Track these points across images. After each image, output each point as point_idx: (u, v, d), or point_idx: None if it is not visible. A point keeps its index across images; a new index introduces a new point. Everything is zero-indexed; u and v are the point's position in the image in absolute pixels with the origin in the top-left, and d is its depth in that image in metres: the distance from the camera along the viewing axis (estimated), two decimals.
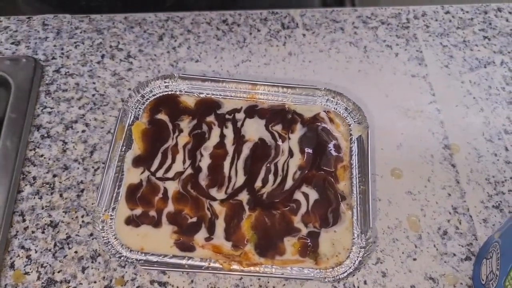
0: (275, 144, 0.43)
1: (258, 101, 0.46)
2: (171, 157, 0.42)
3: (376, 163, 0.45)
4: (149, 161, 0.42)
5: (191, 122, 0.44)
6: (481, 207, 0.43)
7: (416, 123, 0.48)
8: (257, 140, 0.43)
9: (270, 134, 0.43)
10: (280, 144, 0.43)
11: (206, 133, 0.43)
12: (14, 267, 0.39)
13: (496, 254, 0.35)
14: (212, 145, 0.43)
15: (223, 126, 0.44)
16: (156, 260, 0.37)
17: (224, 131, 0.44)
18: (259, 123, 0.44)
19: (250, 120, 0.44)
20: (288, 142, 0.43)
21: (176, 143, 0.43)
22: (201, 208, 0.40)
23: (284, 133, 0.44)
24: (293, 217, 0.40)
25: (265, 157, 0.42)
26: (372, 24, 0.55)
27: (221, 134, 0.44)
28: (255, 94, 0.46)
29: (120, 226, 0.39)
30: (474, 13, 0.57)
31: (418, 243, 0.41)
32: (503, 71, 0.52)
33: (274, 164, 0.42)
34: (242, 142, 0.43)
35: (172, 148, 0.43)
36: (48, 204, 0.42)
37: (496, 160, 0.46)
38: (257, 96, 0.46)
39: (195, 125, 0.44)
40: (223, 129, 0.44)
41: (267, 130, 0.44)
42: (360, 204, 0.40)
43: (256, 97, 0.46)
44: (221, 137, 0.43)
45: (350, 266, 0.37)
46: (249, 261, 0.37)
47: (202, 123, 0.44)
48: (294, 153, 0.43)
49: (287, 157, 0.42)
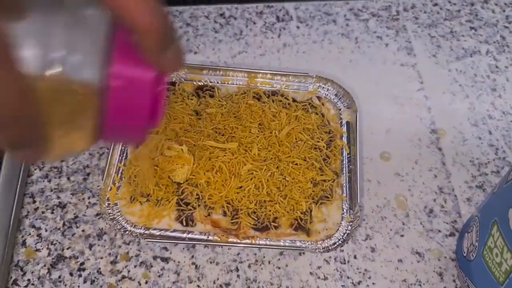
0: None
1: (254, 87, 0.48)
2: None
3: (366, 146, 0.48)
4: None
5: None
6: (465, 187, 0.46)
7: (405, 109, 0.51)
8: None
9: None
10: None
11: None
12: (26, 245, 0.41)
13: (475, 228, 0.38)
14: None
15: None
16: (159, 234, 0.40)
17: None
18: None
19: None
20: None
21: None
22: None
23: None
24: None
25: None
26: (363, 16, 0.58)
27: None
28: (251, 81, 0.48)
29: (125, 203, 0.41)
30: (461, 5, 0.60)
31: (405, 221, 0.44)
32: (488, 60, 0.55)
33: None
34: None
35: None
36: (57, 187, 0.44)
37: (480, 144, 0.49)
38: (252, 83, 0.48)
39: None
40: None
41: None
42: (348, 182, 0.43)
43: (252, 84, 0.48)
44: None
45: (339, 238, 0.40)
46: (245, 234, 0.40)
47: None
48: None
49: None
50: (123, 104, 0.21)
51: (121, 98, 0.21)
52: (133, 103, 0.21)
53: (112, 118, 0.21)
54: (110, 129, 0.22)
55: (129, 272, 0.40)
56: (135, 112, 0.22)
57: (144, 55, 0.20)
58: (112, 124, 0.22)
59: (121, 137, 0.25)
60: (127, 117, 0.22)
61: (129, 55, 0.20)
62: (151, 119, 0.22)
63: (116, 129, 0.22)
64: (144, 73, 0.21)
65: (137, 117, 0.22)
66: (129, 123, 0.22)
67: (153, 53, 0.20)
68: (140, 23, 0.19)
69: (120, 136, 0.24)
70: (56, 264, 0.40)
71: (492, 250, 0.34)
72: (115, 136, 0.25)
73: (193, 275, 0.40)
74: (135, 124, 0.22)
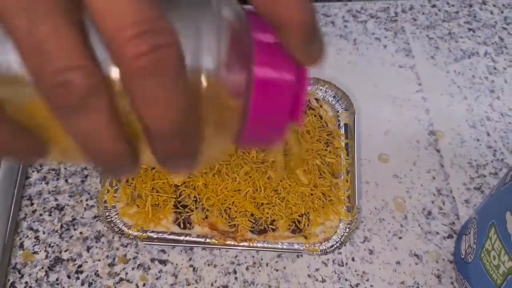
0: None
1: None
2: None
3: (364, 148, 0.48)
4: None
5: None
6: (463, 189, 0.46)
7: (403, 111, 0.51)
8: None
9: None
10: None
11: None
12: (23, 247, 0.41)
13: (473, 230, 0.38)
14: None
15: None
16: (157, 236, 0.40)
17: None
18: None
19: None
20: None
21: None
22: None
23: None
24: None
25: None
26: (362, 18, 0.58)
27: None
28: None
29: (122, 205, 0.41)
30: (460, 7, 0.60)
31: (403, 223, 0.44)
32: (486, 61, 0.55)
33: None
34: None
35: None
36: (54, 189, 0.44)
37: (478, 145, 0.49)
38: None
39: None
40: None
41: None
42: (346, 184, 0.43)
43: None
44: None
45: (337, 240, 0.40)
46: (243, 237, 0.40)
47: None
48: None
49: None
50: (265, 106, 0.20)
51: (263, 99, 0.20)
52: (275, 104, 0.20)
53: (254, 120, 0.20)
54: (250, 133, 0.21)
55: (127, 274, 0.40)
56: (276, 113, 0.21)
57: (289, 50, 0.19)
58: (252, 127, 0.21)
59: (260, 140, 0.24)
60: (269, 119, 0.21)
61: (270, 54, 0.20)
62: (291, 117, 0.21)
63: (256, 132, 0.21)
64: (287, 72, 0.20)
65: (278, 117, 0.21)
66: (270, 124, 0.21)
67: (300, 48, 0.19)
68: (291, 16, 0.19)
69: (259, 139, 0.24)
70: (53, 267, 0.40)
71: (490, 252, 0.34)
72: (255, 140, 0.24)
73: (190, 278, 0.40)
74: (276, 125, 0.21)
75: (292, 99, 0.20)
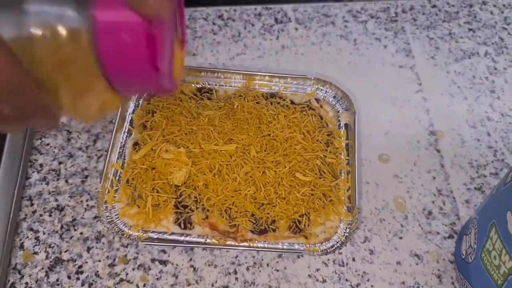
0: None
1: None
2: None
3: (364, 148, 0.48)
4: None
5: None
6: (463, 189, 0.46)
7: (403, 111, 0.51)
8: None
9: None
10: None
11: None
12: (24, 248, 0.41)
13: (474, 230, 0.38)
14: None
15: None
16: (157, 236, 0.40)
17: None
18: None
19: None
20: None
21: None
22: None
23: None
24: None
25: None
26: (362, 18, 0.58)
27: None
28: (249, 83, 0.48)
29: (122, 206, 0.41)
30: (460, 7, 0.60)
31: (404, 223, 0.44)
32: (486, 61, 0.55)
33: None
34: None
35: None
36: (55, 190, 0.44)
37: (479, 145, 0.49)
38: (251, 86, 0.48)
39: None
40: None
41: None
42: (347, 184, 0.43)
43: (250, 87, 0.48)
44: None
45: (338, 241, 0.40)
46: (243, 237, 0.40)
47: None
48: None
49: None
50: (116, 49, 0.21)
51: (112, 42, 0.21)
52: (126, 46, 0.21)
53: (109, 65, 0.21)
54: (116, 79, 0.22)
55: (127, 275, 0.40)
56: (132, 56, 0.21)
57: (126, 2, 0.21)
58: (113, 72, 0.22)
59: (133, 85, 0.25)
60: (125, 62, 0.21)
61: (111, 1, 0.21)
62: (157, 64, 0.22)
63: (122, 78, 0.22)
64: (129, 16, 0.21)
65: (136, 61, 0.22)
66: (130, 69, 0.22)
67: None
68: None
69: (131, 85, 0.24)
70: (54, 267, 0.40)
71: (491, 252, 0.34)
72: (127, 86, 0.24)
73: (191, 278, 0.40)
74: (137, 68, 0.22)
75: (148, 45, 0.21)
